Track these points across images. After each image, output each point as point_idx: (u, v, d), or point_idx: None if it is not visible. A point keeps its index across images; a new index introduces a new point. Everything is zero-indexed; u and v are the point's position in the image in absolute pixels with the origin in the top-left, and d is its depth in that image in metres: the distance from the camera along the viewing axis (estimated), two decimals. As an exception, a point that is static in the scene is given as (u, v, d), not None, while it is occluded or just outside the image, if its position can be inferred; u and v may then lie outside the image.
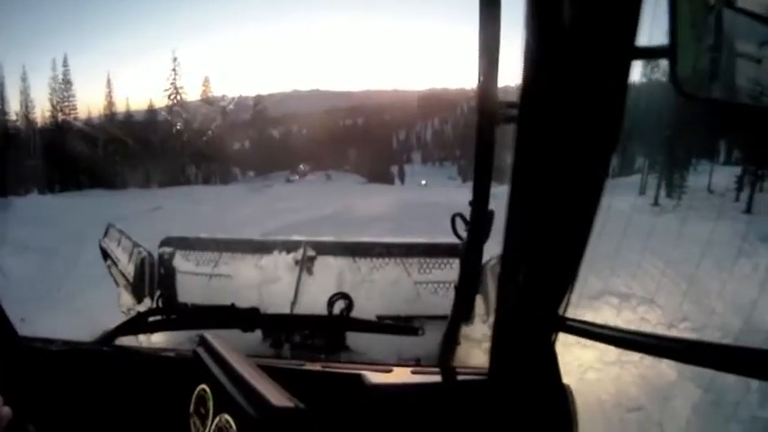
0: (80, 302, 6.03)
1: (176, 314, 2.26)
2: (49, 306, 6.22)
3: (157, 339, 2.18)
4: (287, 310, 2.31)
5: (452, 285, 2.18)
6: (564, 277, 0.93)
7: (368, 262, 2.57)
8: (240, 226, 11.87)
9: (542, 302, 0.97)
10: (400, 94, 59.39)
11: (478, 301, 2.10)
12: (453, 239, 2.28)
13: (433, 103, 55.48)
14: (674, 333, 5.52)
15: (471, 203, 1.24)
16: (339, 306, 2.13)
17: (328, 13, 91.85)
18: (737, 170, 19.95)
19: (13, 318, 1.45)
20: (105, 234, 3.09)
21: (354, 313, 2.24)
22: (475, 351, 1.91)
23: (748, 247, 8.40)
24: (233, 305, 2.00)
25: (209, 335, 1.34)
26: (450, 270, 2.46)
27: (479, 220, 1.27)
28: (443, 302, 2.26)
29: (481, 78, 1.00)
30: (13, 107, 33.46)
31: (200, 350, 1.30)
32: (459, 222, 1.43)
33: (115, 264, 2.88)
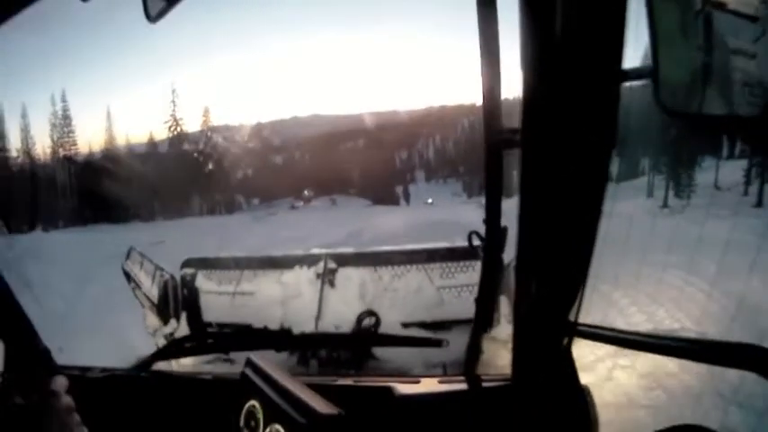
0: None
1: (211, 338, 2.34)
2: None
3: (188, 362, 2.22)
4: (312, 326, 2.34)
5: (476, 287, 2.14)
6: (574, 285, 1.00)
7: (389, 271, 2.59)
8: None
9: (555, 310, 1.04)
10: (400, 113, 59.72)
11: (503, 301, 2.12)
12: (474, 242, 2.31)
13: (434, 121, 55.88)
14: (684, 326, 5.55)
15: (485, 222, 1.34)
16: (367, 322, 2.24)
17: (323, 37, 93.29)
18: (742, 164, 19.87)
19: (52, 346, 1.45)
20: (128, 257, 3.16)
21: (379, 322, 2.32)
22: (501, 353, 1.93)
23: (765, 242, 8.18)
24: (266, 327, 2.19)
25: (254, 356, 1.42)
26: (472, 272, 2.46)
27: (494, 238, 1.37)
28: (468, 305, 2.26)
29: (485, 106, 1.10)
30: (14, 144, 33.86)
31: (248, 370, 1.39)
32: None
33: (139, 286, 2.92)
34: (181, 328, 2.70)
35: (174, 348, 2.02)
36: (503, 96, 1.11)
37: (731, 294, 6.25)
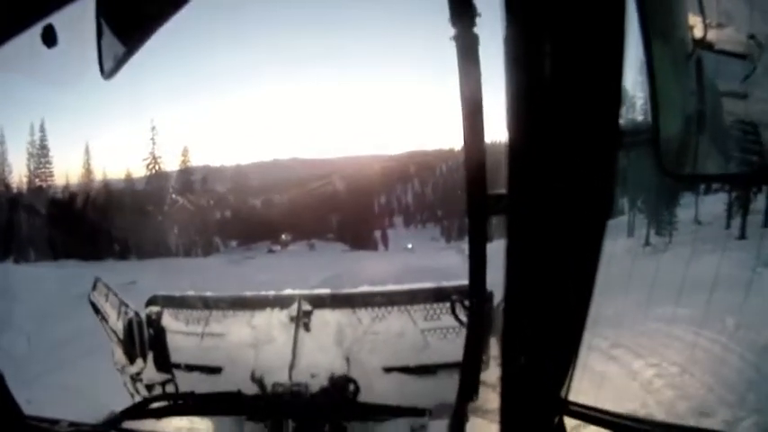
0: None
1: (182, 400, 2.26)
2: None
3: (157, 423, 2.07)
4: (285, 375, 2.20)
5: (462, 328, 2.13)
6: (565, 360, 0.96)
7: (369, 313, 2.46)
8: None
9: (545, 386, 1.00)
10: (379, 158, 60.52)
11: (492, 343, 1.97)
12: (459, 281, 2.25)
13: (412, 166, 56.65)
14: (688, 389, 5.22)
15: (469, 289, 1.31)
16: (345, 387, 2.17)
17: (306, 81, 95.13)
18: (722, 196, 19.97)
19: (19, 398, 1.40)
20: (94, 287, 2.98)
21: (358, 368, 2.24)
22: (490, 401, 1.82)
23: (756, 277, 8.05)
24: (239, 392, 2.07)
25: None
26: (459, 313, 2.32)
27: (478, 306, 1.34)
28: (455, 348, 2.17)
29: (468, 169, 1.09)
30: None
31: None
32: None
33: (105, 320, 2.76)
34: (148, 368, 2.55)
35: (143, 409, 1.97)
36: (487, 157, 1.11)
37: (721, 333, 6.15)
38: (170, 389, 2.52)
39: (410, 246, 41.80)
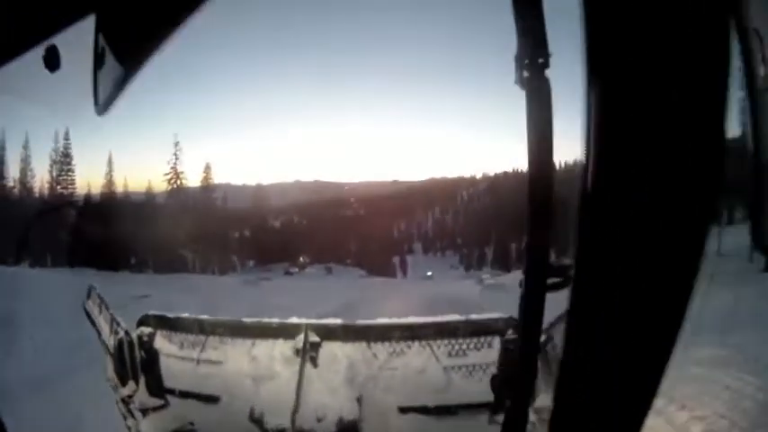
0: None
1: None
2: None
3: None
4: (288, 420, 2.03)
5: (492, 367, 2.03)
6: None
7: (385, 347, 2.22)
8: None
9: None
10: (400, 184, 60.87)
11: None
12: (489, 314, 2.03)
13: (434, 193, 56.74)
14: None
15: (519, 362, 1.25)
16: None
17: (331, 104, 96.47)
18: (743, 228, 19.77)
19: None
20: (88, 296, 2.81)
21: (371, 408, 2.07)
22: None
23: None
24: None
25: None
26: (488, 350, 2.13)
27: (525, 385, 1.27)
28: (481, 387, 1.98)
29: (532, 235, 1.03)
30: (12, 173, 33.98)
31: None
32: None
33: (98, 332, 2.59)
34: (140, 392, 2.38)
35: None
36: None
37: (746, 371, 5.76)
38: (167, 419, 2.32)
39: (430, 273, 41.46)
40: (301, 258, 43.99)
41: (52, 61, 0.97)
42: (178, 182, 38.05)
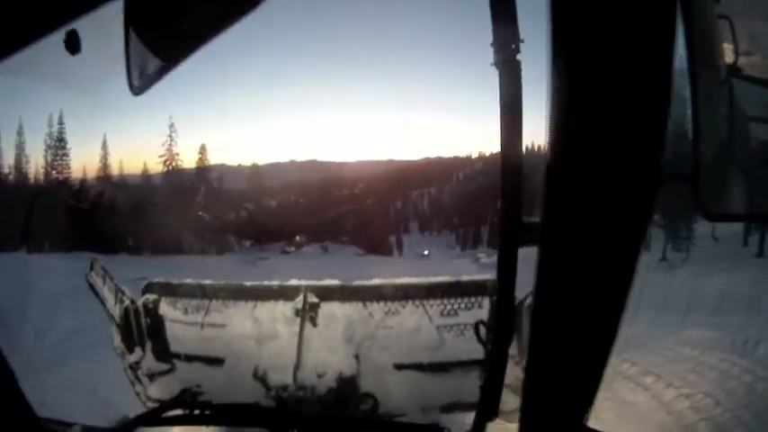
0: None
1: (198, 409, 2.12)
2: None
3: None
4: (289, 376, 2.09)
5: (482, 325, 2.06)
6: (588, 386, 0.98)
7: (381, 307, 2.32)
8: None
9: (565, 410, 1.01)
10: (396, 163, 60.48)
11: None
12: (479, 276, 2.12)
13: (430, 172, 56.46)
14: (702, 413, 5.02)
15: (496, 311, 1.38)
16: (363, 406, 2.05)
17: (326, 82, 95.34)
18: None
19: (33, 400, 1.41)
20: (91, 268, 2.87)
21: (368, 366, 2.14)
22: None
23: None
24: (257, 404, 2.01)
25: None
26: (478, 310, 2.23)
27: (504, 331, 1.33)
28: (472, 345, 2.04)
29: (504, 194, 1.12)
30: (7, 160, 33.60)
31: None
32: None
33: (103, 303, 2.69)
34: (147, 357, 2.46)
35: (157, 417, 1.91)
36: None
37: (735, 352, 5.90)
38: (174, 383, 2.39)
39: (426, 252, 41.47)
40: (297, 237, 43.88)
41: (73, 45, 1.00)
42: (174, 163, 37.70)
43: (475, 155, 55.93)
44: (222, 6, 0.95)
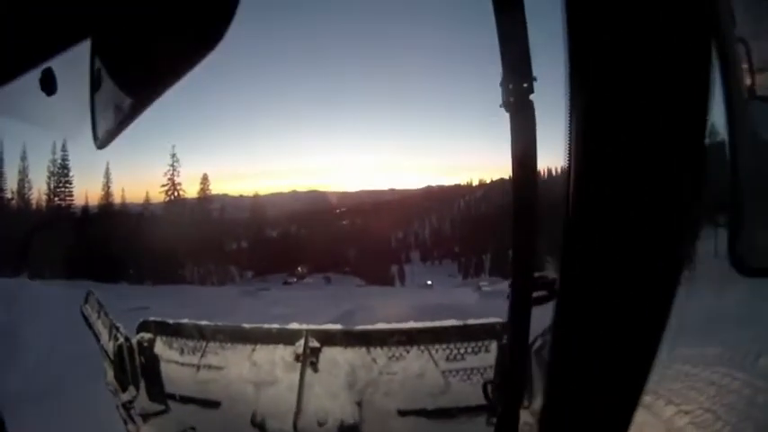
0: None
1: None
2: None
3: None
4: (289, 424, 2.05)
5: (489, 370, 2.06)
6: None
7: (385, 352, 2.25)
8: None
9: None
10: (397, 193, 60.81)
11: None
12: (487, 319, 2.06)
13: (431, 202, 56.69)
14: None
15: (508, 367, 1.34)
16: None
17: (326, 114, 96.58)
18: None
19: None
20: (86, 301, 2.78)
21: (371, 412, 2.10)
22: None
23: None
24: None
25: None
26: (485, 354, 2.17)
27: (514, 389, 1.30)
28: (478, 390, 1.98)
29: (516, 252, 1.06)
30: (10, 185, 33.76)
31: None
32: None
33: (97, 337, 2.57)
34: (140, 397, 2.38)
35: None
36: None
37: (743, 371, 5.77)
38: (168, 424, 2.33)
39: (429, 282, 41.29)
40: (299, 268, 43.82)
41: (48, 85, 0.96)
42: (176, 193, 37.90)
43: (475, 182, 56.19)
44: (185, 45, 0.90)
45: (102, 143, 1.04)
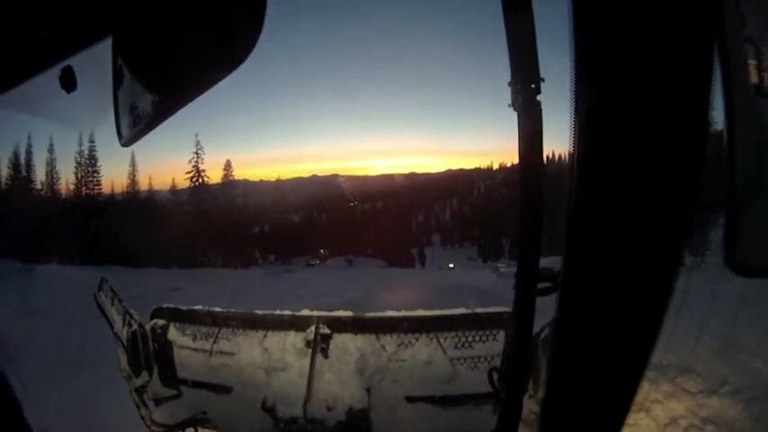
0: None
1: None
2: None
3: None
4: (299, 408, 2.05)
5: (497, 358, 2.05)
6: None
7: (394, 339, 2.25)
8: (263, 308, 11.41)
9: None
10: (418, 176, 60.55)
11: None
12: (495, 308, 2.04)
13: (451, 185, 56.35)
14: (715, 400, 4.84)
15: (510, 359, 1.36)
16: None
17: (347, 98, 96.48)
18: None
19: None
20: (100, 288, 2.82)
21: (380, 398, 2.11)
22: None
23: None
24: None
25: None
26: (493, 342, 2.16)
27: (518, 379, 1.31)
28: (485, 378, 1.95)
29: (522, 246, 1.09)
30: (39, 176, 34.95)
31: None
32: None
33: (111, 324, 2.60)
34: (153, 382, 2.43)
35: None
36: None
37: (755, 356, 5.65)
38: (180, 408, 2.36)
39: (452, 265, 41.26)
40: (322, 251, 44.17)
41: (68, 82, 0.97)
42: (200, 180, 38.46)
43: (495, 166, 55.54)
44: (215, 54, 0.88)
45: (126, 142, 1.05)
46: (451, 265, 41.38)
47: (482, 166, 58.22)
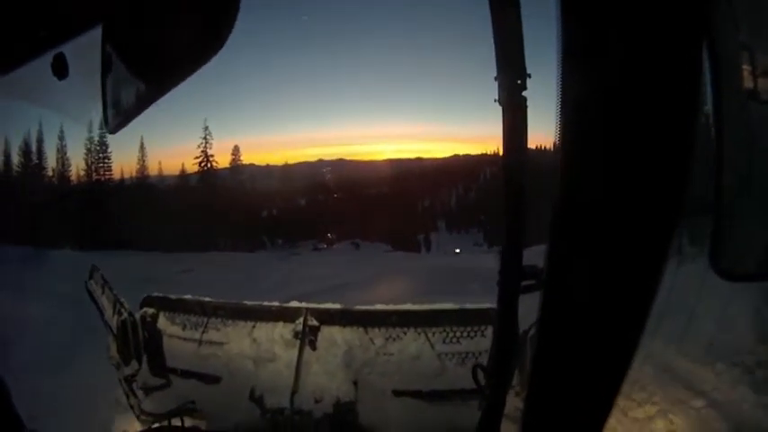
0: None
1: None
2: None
3: None
4: (287, 399, 2.06)
5: (484, 354, 2.03)
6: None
7: (382, 333, 2.25)
8: (273, 290, 11.57)
9: None
10: (424, 161, 60.36)
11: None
12: (484, 303, 2.01)
13: (457, 170, 56.12)
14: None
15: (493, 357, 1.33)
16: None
17: (354, 85, 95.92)
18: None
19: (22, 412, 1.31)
20: (90, 276, 2.80)
21: (367, 392, 2.11)
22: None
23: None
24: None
25: None
26: (481, 338, 2.15)
27: (502, 376, 1.31)
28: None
29: (506, 241, 1.11)
30: (51, 163, 35.19)
31: None
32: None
33: (101, 312, 2.59)
34: (142, 371, 2.44)
35: None
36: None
37: (748, 345, 5.63)
38: (168, 398, 2.36)
39: (458, 251, 41.38)
40: (329, 235, 44.39)
41: (60, 69, 0.95)
42: (208, 164, 38.75)
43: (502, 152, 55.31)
44: (200, 35, 0.88)
45: (113, 128, 1.05)
46: (458, 251, 41.50)
47: (489, 152, 57.74)
